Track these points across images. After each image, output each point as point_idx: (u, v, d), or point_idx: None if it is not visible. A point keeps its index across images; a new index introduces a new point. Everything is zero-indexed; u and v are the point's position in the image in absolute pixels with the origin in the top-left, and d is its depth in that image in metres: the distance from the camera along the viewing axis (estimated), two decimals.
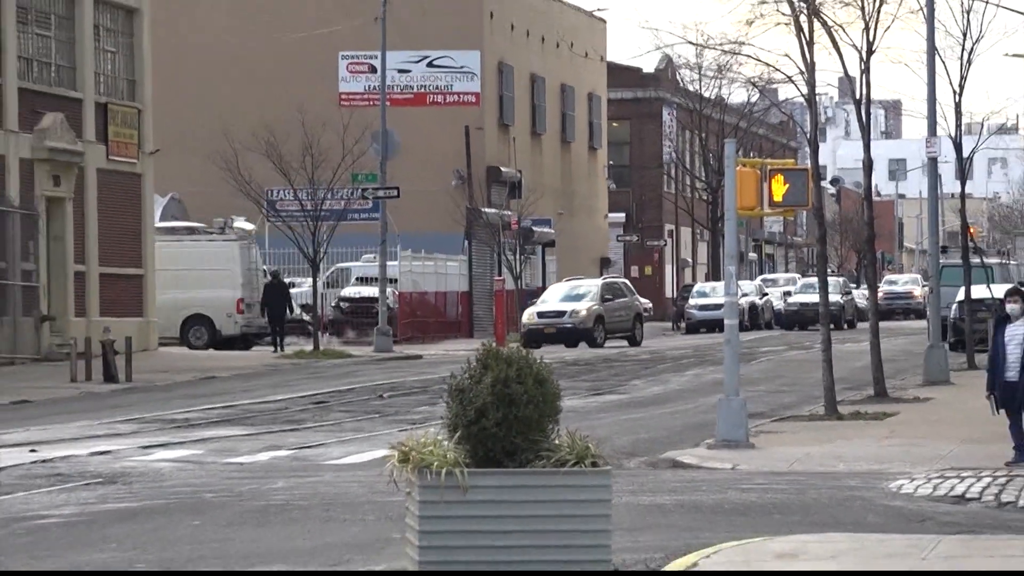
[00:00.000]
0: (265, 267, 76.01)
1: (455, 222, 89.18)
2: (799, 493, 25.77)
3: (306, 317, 72.62)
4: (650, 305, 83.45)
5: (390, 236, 74.33)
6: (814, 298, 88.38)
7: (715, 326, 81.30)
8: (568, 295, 77.59)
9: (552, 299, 78.40)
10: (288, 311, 69.88)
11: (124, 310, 66.26)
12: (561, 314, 75.27)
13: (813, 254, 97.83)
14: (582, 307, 75.67)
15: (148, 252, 70.02)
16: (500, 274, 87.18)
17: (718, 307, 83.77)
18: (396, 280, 76.93)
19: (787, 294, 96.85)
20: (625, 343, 76.58)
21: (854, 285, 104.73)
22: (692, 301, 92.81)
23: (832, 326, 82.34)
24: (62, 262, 64.20)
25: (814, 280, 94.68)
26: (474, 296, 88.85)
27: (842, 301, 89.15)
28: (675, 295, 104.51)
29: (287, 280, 76.56)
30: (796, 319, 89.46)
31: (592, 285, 79.63)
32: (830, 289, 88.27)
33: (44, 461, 31.71)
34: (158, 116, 71.99)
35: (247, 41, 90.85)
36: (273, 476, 29.36)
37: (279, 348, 67.31)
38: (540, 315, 75.73)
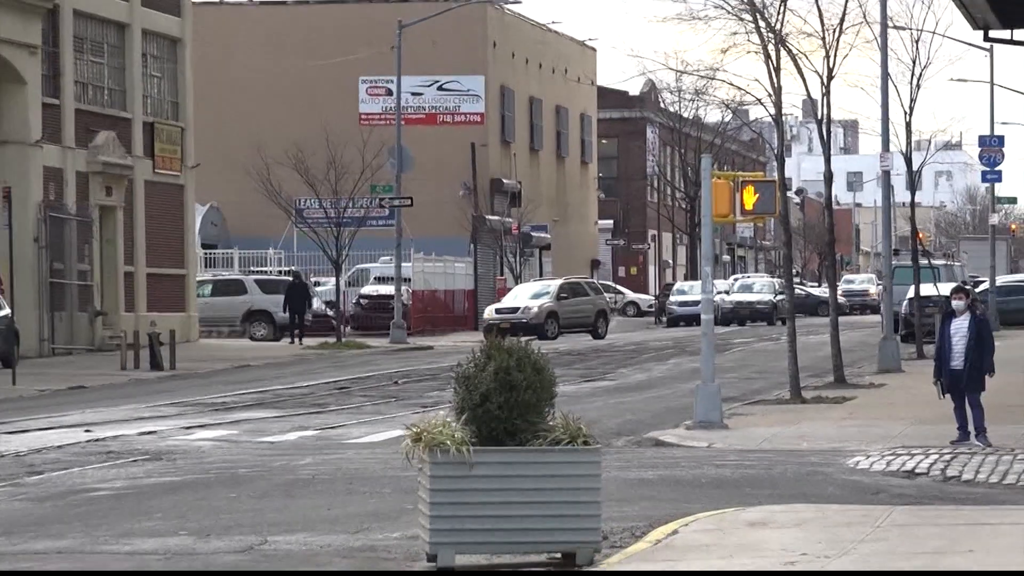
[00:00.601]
0: (291, 269, 76.18)
1: (462, 228, 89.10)
2: (767, 468, 25.78)
3: (330, 312, 72.54)
4: (636, 298, 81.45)
5: (404, 240, 74.29)
6: (748, 297, 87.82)
7: (693, 320, 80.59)
8: (532, 293, 76.62)
9: (515, 297, 77.66)
10: (308, 308, 69.78)
11: (168, 306, 66.23)
12: (515, 310, 74.25)
13: (780, 256, 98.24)
14: (535, 304, 74.70)
15: (189, 254, 70.12)
16: (502, 274, 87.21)
17: (696, 303, 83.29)
18: (410, 279, 76.87)
19: (725, 293, 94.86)
20: (588, 336, 75.43)
21: (815, 284, 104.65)
22: (673, 298, 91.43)
23: (765, 323, 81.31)
24: (113, 263, 64.20)
25: (748, 281, 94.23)
26: (479, 294, 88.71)
27: (775, 300, 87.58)
28: (658, 292, 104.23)
29: (313, 280, 76.75)
30: (733, 316, 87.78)
31: (553, 285, 78.38)
32: (765, 290, 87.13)
33: (97, 440, 31.74)
34: (199, 134, 72.00)
35: (278, 67, 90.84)
36: (300, 454, 29.36)
37: (298, 341, 67.14)
38: (497, 311, 74.75)
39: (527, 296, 76.90)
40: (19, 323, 52.94)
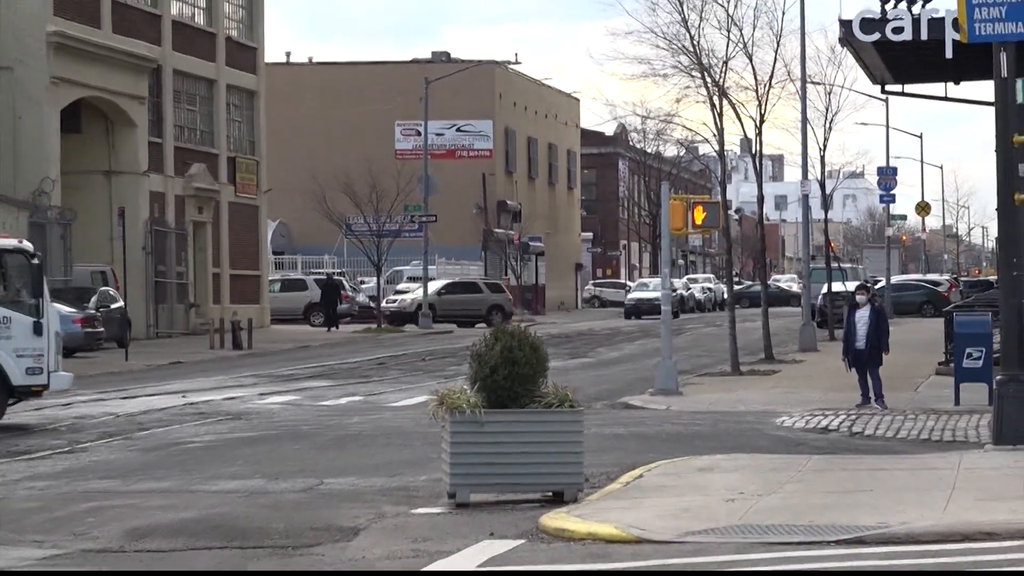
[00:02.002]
0: (327, 271, 76.35)
1: (475, 238, 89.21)
2: (713, 426, 25.78)
3: (372, 304, 72.48)
4: (510, 298, 77.70)
5: (430, 248, 74.25)
6: (647, 294, 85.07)
7: (644, 311, 79.59)
8: (433, 289, 73.06)
9: (412, 291, 74.22)
10: (339, 302, 69.86)
11: (246, 299, 66.28)
12: (394, 301, 73.17)
13: (723, 261, 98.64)
14: (409, 297, 73.17)
15: (263, 259, 70.24)
16: (506, 274, 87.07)
17: (652, 299, 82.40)
18: (434, 279, 76.80)
19: (628, 290, 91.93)
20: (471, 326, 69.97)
21: (750, 282, 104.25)
22: (630, 295, 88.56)
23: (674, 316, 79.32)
24: (204, 266, 64.23)
25: (647, 281, 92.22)
26: None
27: (683, 294, 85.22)
28: (627, 290, 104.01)
29: (359, 279, 76.70)
30: (634, 311, 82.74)
31: (439, 284, 74.86)
32: (660, 288, 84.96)
33: (191, 404, 31.78)
34: (270, 165, 72.11)
35: (331, 113, 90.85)
36: (349, 414, 29.36)
37: (333, 327, 67.00)
38: (387, 300, 72.87)
39: (415, 290, 74.41)
40: (130, 313, 53.09)
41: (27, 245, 28.91)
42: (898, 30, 28.91)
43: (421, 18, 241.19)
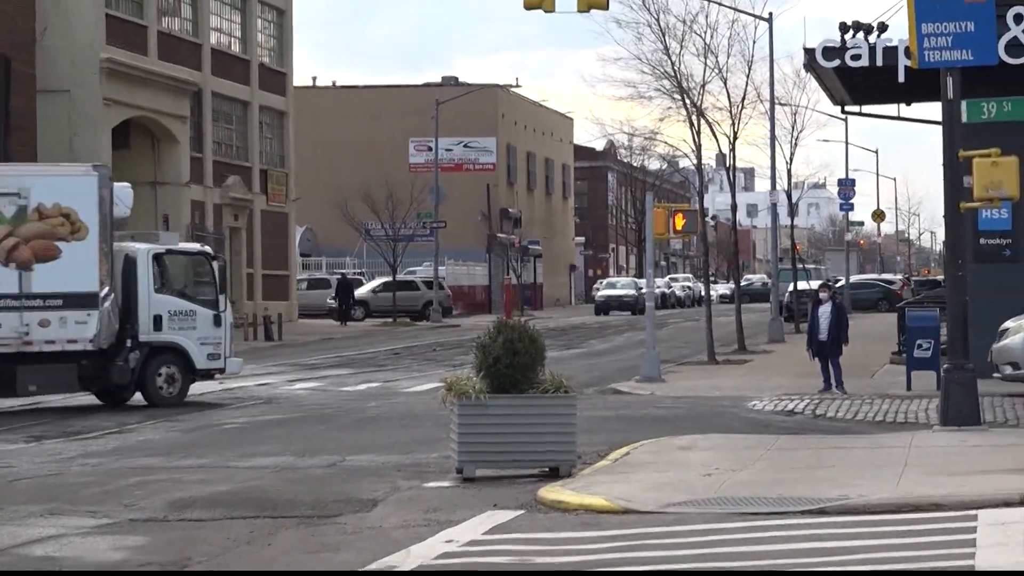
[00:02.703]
0: (340, 272, 76.55)
1: (480, 242, 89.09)
2: (691, 409, 25.77)
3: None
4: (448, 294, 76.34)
5: (440, 251, 74.25)
6: (615, 292, 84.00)
7: (613, 308, 78.46)
8: (369, 288, 72.83)
9: (345, 288, 71.16)
10: (352, 299, 69.75)
11: (276, 296, 66.22)
12: (333, 297, 70.61)
13: (701, 262, 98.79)
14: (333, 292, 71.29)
15: (291, 261, 70.22)
16: (508, 274, 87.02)
17: (620, 296, 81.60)
18: (444, 278, 76.75)
19: (596, 289, 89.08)
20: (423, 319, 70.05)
21: (724, 280, 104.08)
22: (600, 292, 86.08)
23: (630, 312, 77.53)
24: (239, 267, 64.18)
25: (615, 280, 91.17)
26: (492, 288, 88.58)
27: (636, 294, 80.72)
28: (596, 289, 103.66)
29: (382, 280, 76.75)
30: (603, 307, 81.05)
31: (376, 283, 73.66)
32: (631, 287, 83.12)
33: (227, 389, 31.77)
34: (298, 177, 72.07)
35: (352, 131, 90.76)
36: (368, 399, 29.36)
37: (345, 322, 66.93)
38: (329, 298, 70.68)
39: (364, 289, 73.30)
40: None
41: (207, 249, 30.58)
42: (856, 57, 28.88)
43: (432, 46, 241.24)
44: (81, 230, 26.85)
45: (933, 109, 32.52)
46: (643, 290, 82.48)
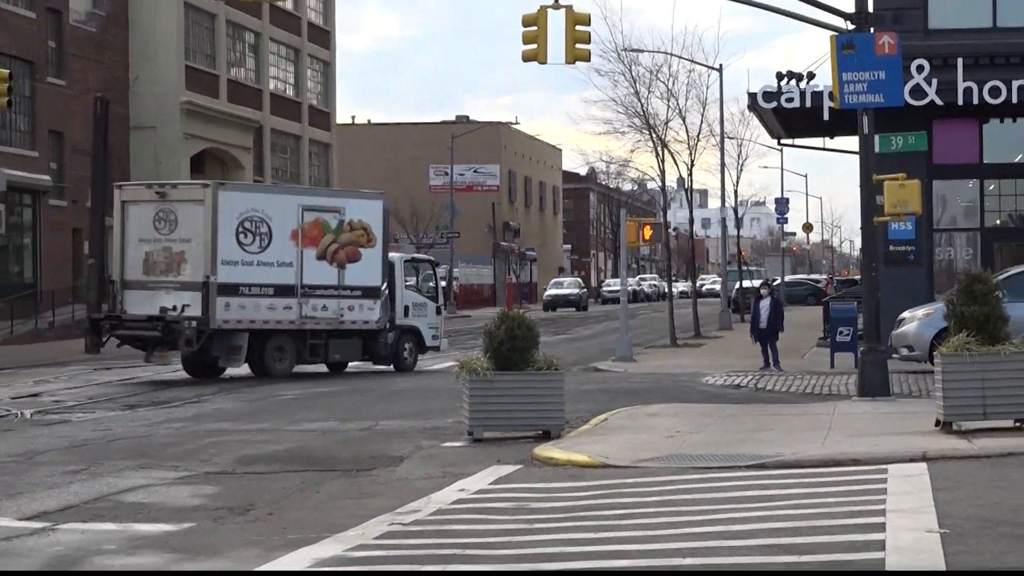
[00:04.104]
0: None
1: (487, 250, 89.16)
2: (657, 383, 25.73)
3: None
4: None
5: (455, 256, 74.25)
6: (560, 291, 76.40)
7: (560, 305, 73.50)
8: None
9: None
10: None
11: None
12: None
13: (664, 265, 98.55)
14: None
15: None
16: (509, 275, 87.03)
17: (565, 295, 75.87)
18: (457, 278, 76.75)
19: (546, 288, 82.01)
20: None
21: (683, 279, 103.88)
22: (547, 292, 78.60)
23: (575, 308, 73.91)
24: None
25: (561, 280, 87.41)
26: (496, 286, 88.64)
27: (580, 293, 77.07)
28: (598, 287, 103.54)
29: None
30: (551, 305, 74.70)
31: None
32: (573, 286, 78.80)
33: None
34: None
35: (383, 158, 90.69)
36: (396, 377, 29.36)
37: None
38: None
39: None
40: None
41: (432, 258, 34.23)
42: (790, 100, 28.85)
43: (448, 91, 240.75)
44: (373, 240, 29.59)
45: (852, 141, 32.57)
46: (584, 289, 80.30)
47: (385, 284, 29.82)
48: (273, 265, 27.95)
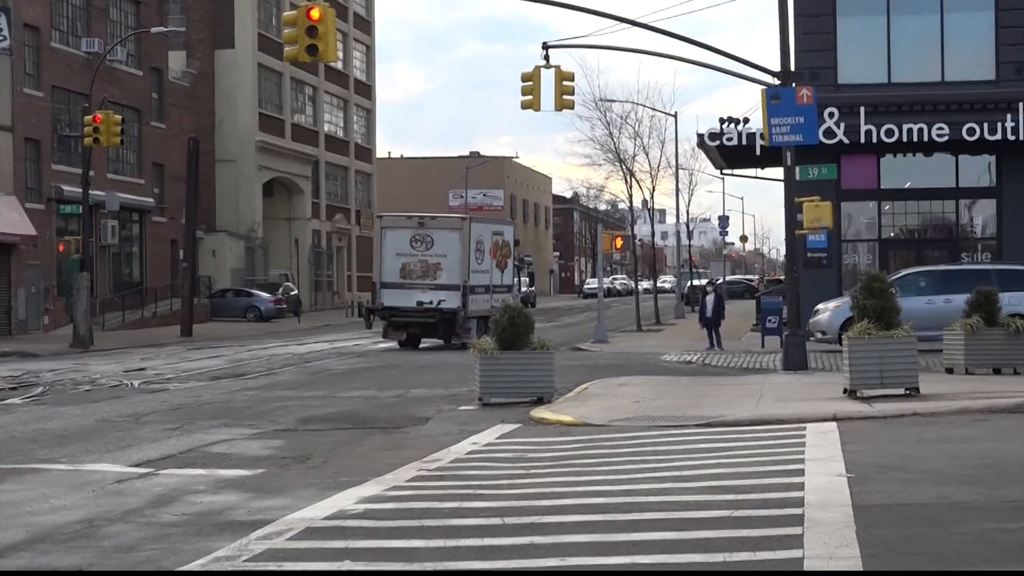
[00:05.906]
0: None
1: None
2: (626, 360, 25.64)
3: None
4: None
5: None
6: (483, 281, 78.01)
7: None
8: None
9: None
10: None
11: (366, 289, 65.72)
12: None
13: (632, 268, 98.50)
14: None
15: (375, 268, 69.93)
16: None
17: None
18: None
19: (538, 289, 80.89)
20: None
21: (647, 279, 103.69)
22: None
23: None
24: (342, 271, 64.20)
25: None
26: None
27: (609, 286, 76.93)
28: (580, 286, 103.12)
29: None
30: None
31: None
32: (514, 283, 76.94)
33: (334, 347, 31.78)
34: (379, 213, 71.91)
35: (412, 184, 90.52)
36: (422, 355, 29.32)
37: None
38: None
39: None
40: (301, 297, 53.00)
41: (529, 261, 34.78)
42: (730, 139, 28.82)
43: (462, 132, 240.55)
44: (509, 255, 32.82)
45: (778, 171, 32.49)
46: (608, 284, 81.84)
47: (515, 280, 33.87)
48: (485, 272, 31.30)
